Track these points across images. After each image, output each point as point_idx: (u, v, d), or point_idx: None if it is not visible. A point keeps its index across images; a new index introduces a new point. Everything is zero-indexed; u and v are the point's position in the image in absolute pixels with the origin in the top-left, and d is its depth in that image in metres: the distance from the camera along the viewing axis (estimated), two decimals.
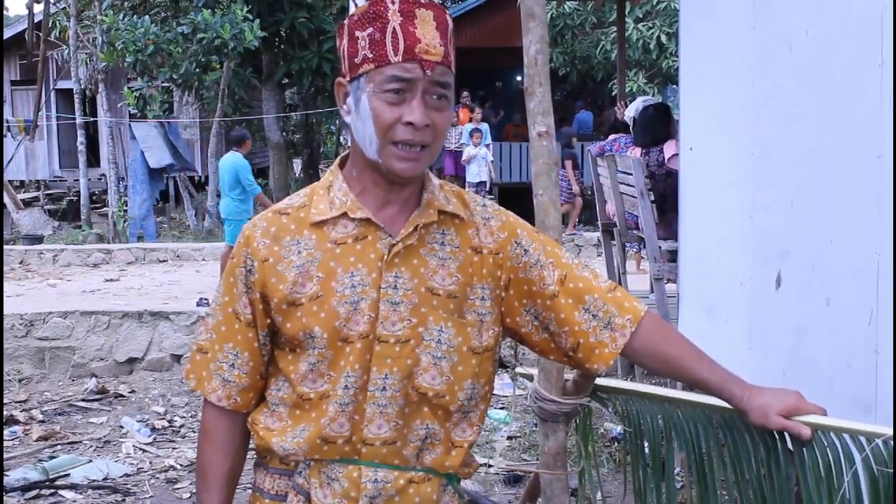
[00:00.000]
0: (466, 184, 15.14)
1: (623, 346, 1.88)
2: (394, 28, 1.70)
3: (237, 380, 1.85)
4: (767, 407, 1.84)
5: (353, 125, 1.78)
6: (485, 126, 16.06)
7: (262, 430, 1.84)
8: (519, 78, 21.03)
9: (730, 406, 1.91)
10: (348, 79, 1.77)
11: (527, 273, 1.87)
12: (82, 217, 16.87)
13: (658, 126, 6.60)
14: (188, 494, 5.27)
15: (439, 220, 1.81)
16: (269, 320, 1.82)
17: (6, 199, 15.21)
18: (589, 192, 15.72)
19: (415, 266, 1.78)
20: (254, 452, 1.92)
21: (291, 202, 1.86)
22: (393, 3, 1.71)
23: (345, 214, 1.78)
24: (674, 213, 5.48)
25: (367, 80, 1.72)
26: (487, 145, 15.83)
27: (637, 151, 6.80)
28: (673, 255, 5.89)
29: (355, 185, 1.81)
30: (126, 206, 15.56)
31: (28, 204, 19.22)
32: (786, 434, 1.89)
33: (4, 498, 5.15)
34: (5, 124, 20.01)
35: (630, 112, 7.37)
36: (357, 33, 1.73)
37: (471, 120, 16.12)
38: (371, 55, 1.71)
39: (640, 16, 18.44)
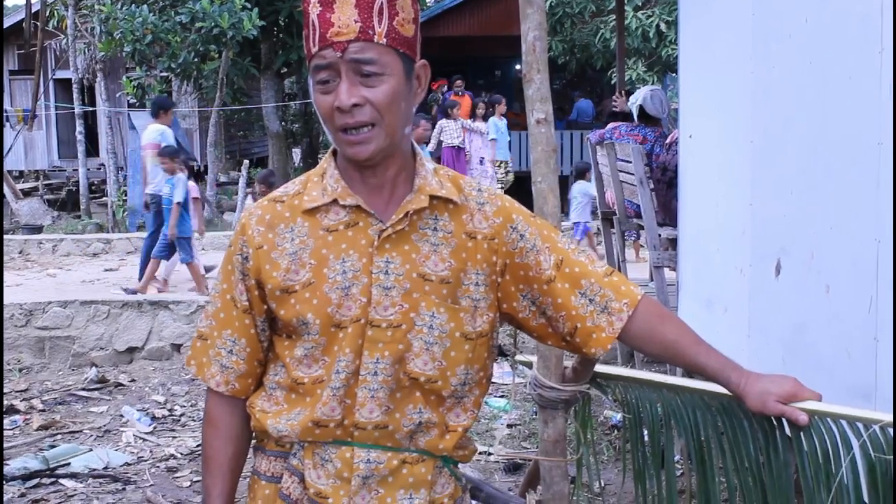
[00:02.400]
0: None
1: (620, 329, 1.88)
2: (312, 20, 1.73)
3: (235, 366, 1.87)
4: (765, 393, 1.85)
5: None
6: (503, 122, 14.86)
7: (258, 413, 1.86)
8: (518, 66, 21.01)
9: (728, 392, 1.92)
10: None
11: (523, 258, 1.87)
12: (81, 207, 16.85)
13: None
14: (188, 483, 5.28)
15: (432, 205, 1.81)
16: (265, 307, 1.83)
17: (5, 189, 15.19)
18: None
19: (406, 252, 1.78)
20: (253, 437, 1.94)
21: (287, 190, 1.87)
22: None
23: (336, 201, 1.79)
24: None
25: (310, 75, 1.77)
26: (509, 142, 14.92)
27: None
28: (672, 243, 5.90)
29: (345, 174, 1.82)
30: (125, 195, 15.54)
31: (27, 194, 19.19)
32: (784, 420, 1.89)
33: (5, 486, 5.16)
34: (4, 114, 20.00)
35: (636, 100, 7.36)
36: (304, 31, 1.78)
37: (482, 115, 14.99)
38: (306, 51, 1.76)
39: (640, 4, 18.40)
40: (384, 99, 1.72)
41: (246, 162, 15.36)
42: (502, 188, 13.17)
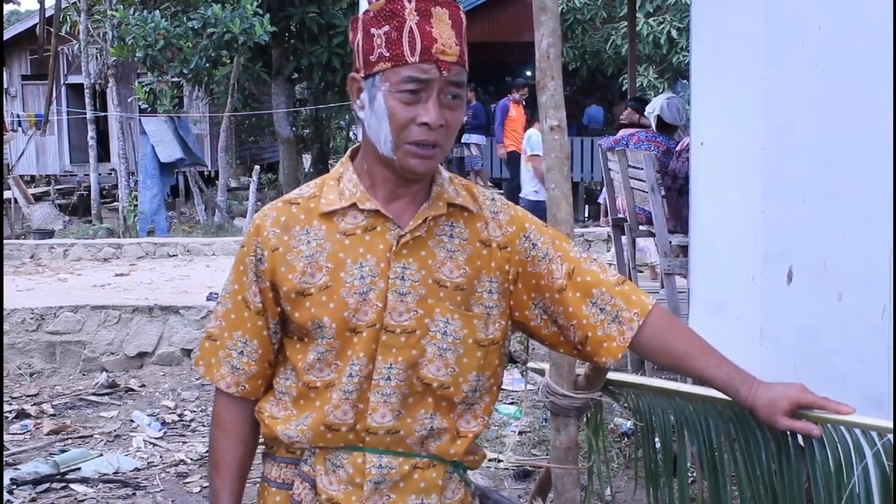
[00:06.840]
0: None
1: (631, 339, 1.89)
2: (410, 27, 1.70)
3: (246, 367, 1.87)
4: (774, 407, 1.84)
5: (367, 121, 1.78)
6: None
7: (267, 419, 1.86)
8: (528, 73, 21.02)
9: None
10: (363, 75, 1.77)
11: (535, 267, 1.88)
12: (93, 212, 16.89)
13: None
14: (198, 488, 5.28)
15: (448, 212, 1.83)
16: (279, 309, 1.83)
17: (17, 194, 15.26)
18: (598, 187, 15.69)
19: (423, 258, 1.79)
20: (262, 444, 1.94)
21: (301, 192, 1.88)
22: (409, 1, 1.71)
23: (354, 205, 1.79)
24: None
25: (383, 78, 1.72)
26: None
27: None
28: (683, 251, 5.88)
29: (365, 178, 1.82)
30: (136, 200, 15.58)
31: (39, 198, 19.27)
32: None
33: (16, 491, 5.17)
34: (16, 119, 20.10)
35: (654, 108, 7.35)
36: (373, 30, 1.73)
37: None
38: (388, 54, 1.71)
39: (651, 10, 18.40)
40: (456, 124, 1.76)
41: (257, 167, 15.43)
42: None
